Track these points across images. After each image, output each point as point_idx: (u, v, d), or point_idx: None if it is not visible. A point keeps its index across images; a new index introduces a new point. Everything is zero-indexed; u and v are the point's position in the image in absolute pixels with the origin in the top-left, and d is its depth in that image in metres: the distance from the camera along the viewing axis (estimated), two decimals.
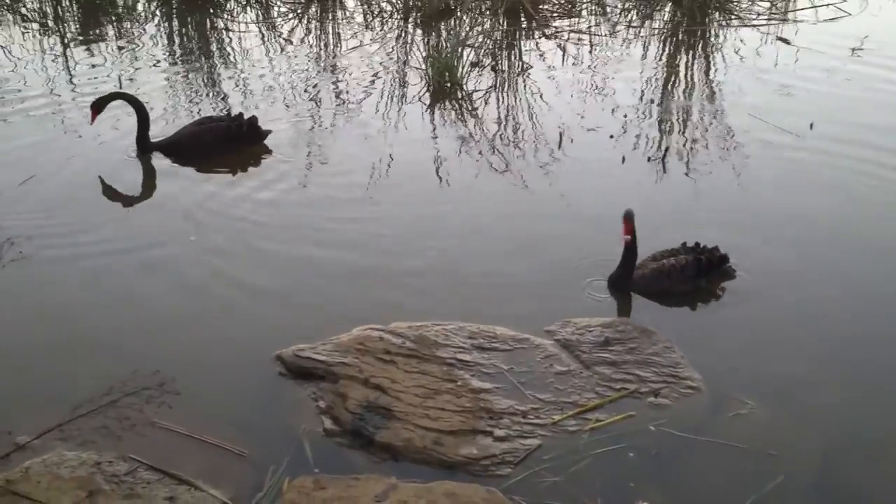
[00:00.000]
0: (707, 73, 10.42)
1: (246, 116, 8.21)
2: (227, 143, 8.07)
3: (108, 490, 4.23)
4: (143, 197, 7.61)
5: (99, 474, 4.32)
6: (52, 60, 10.97)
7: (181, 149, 8.08)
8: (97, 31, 12.37)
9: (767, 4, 12.82)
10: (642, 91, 9.76)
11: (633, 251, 5.98)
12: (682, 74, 10.52)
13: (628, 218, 5.89)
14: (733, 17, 12.46)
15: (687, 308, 6.01)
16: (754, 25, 12.02)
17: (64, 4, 13.73)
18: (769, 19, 12.33)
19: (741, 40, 11.35)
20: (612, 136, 8.44)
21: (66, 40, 11.83)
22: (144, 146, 8.08)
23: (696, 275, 6.02)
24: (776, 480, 4.37)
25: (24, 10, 13.65)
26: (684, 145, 8.34)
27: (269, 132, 8.37)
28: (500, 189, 7.51)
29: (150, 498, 4.21)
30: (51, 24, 12.88)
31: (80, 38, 11.90)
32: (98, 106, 8.11)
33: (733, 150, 8.14)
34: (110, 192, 7.61)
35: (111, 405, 4.32)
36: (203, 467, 4.42)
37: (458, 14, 11.56)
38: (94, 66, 10.84)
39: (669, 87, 10.09)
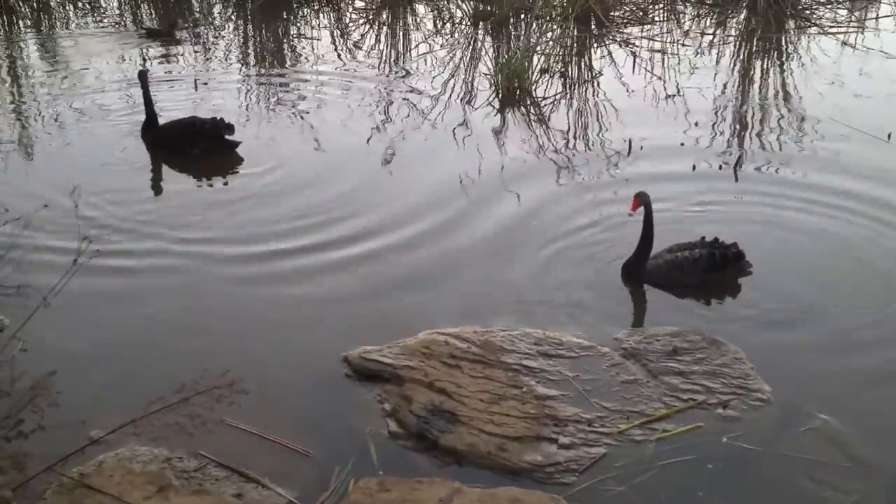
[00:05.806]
0: (782, 81, 10.25)
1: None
2: (192, 140, 8.32)
3: (177, 485, 4.31)
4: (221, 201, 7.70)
5: (169, 470, 4.41)
6: (128, 62, 11.23)
7: (156, 145, 8.53)
8: (173, 35, 12.61)
9: (845, 12, 12.60)
10: (715, 98, 9.64)
11: (649, 241, 6.09)
12: (756, 82, 10.37)
13: (639, 196, 6.01)
14: (810, 24, 12.25)
15: (754, 319, 5.89)
16: (832, 33, 11.80)
17: (142, 8, 14.09)
18: (848, 27, 12.09)
19: (821, 49, 11.16)
20: (682, 144, 8.34)
21: (142, 44, 12.10)
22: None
23: (709, 269, 5.99)
24: (850, 498, 4.27)
25: (103, 13, 14.02)
26: (757, 152, 8.21)
27: (232, 128, 8.39)
28: (566, 196, 7.45)
29: (218, 494, 4.28)
30: (128, 27, 13.20)
31: (157, 41, 12.14)
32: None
33: (807, 157, 8.00)
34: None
35: (183, 403, 4.39)
36: (270, 466, 4.48)
37: (529, 20, 11.55)
38: (168, 65, 11.09)
39: (743, 94, 9.94)
